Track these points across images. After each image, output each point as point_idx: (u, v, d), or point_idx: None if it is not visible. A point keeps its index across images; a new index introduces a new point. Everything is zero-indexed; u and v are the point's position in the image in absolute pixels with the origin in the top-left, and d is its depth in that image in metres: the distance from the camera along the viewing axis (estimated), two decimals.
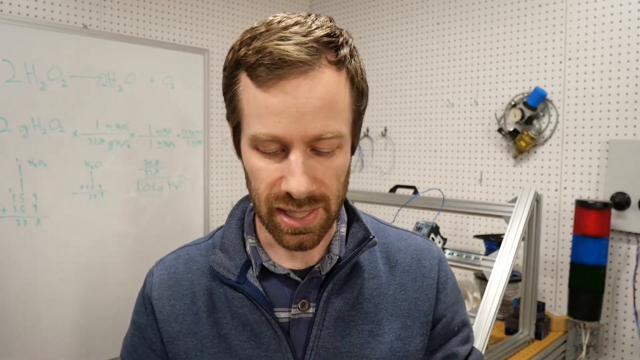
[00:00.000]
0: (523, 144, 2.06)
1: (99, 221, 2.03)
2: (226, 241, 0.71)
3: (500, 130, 2.14)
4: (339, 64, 0.59)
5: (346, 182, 0.65)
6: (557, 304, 2.03)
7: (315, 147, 0.59)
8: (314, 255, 0.70)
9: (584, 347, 1.81)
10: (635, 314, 1.83)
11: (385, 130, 2.59)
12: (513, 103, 2.09)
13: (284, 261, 0.69)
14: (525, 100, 2.05)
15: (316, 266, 0.68)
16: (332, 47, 0.58)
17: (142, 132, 2.16)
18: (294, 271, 0.69)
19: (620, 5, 1.85)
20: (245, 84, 0.59)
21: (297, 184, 0.57)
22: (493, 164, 2.22)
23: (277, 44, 0.56)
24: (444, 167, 2.38)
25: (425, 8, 2.42)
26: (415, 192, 1.98)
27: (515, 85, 2.13)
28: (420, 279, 0.74)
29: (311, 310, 0.68)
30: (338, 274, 0.68)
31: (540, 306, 1.85)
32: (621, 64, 1.86)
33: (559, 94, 2.01)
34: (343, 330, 0.68)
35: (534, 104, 2.02)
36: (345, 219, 0.73)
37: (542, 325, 1.80)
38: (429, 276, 0.75)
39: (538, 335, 1.79)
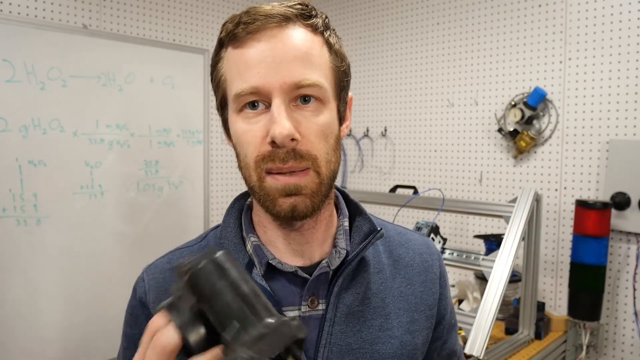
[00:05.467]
0: (523, 144, 2.06)
1: (99, 221, 2.03)
2: (225, 241, 0.69)
3: (500, 130, 2.14)
4: (313, 27, 0.63)
5: (337, 150, 0.65)
6: (557, 304, 2.03)
7: (297, 96, 0.60)
8: (315, 250, 0.69)
9: (584, 347, 1.81)
10: (635, 314, 1.83)
11: (385, 130, 2.60)
12: (513, 103, 2.09)
13: (286, 258, 0.68)
14: (525, 100, 2.05)
15: (324, 261, 0.67)
16: (305, 14, 0.63)
17: (142, 132, 2.16)
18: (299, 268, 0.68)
19: (620, 5, 1.85)
20: (227, 55, 0.63)
21: (280, 127, 0.58)
22: (493, 164, 2.22)
23: (255, 6, 0.62)
24: (444, 167, 2.38)
25: (425, 8, 2.43)
26: (415, 192, 1.98)
27: (515, 85, 2.13)
28: (424, 273, 0.75)
29: (320, 307, 0.67)
30: (347, 269, 0.67)
31: (540, 306, 1.85)
32: (621, 64, 1.86)
33: (559, 94, 2.01)
34: (354, 326, 0.67)
35: (534, 104, 2.02)
36: (347, 214, 0.73)
37: (542, 325, 1.80)
38: (431, 271, 0.76)
39: (538, 335, 1.79)
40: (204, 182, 2.40)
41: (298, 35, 0.61)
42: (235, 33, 0.61)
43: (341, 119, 0.67)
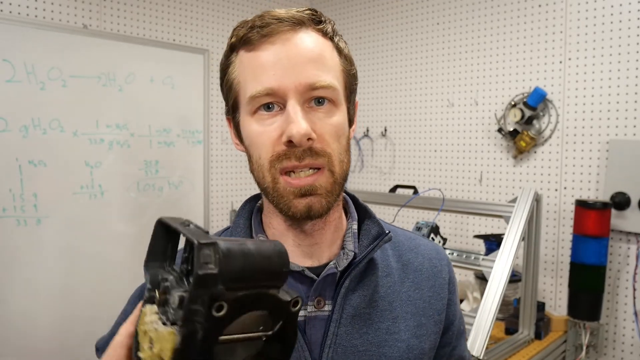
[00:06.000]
0: (523, 144, 2.06)
1: (99, 221, 2.03)
2: None
3: (500, 130, 2.14)
4: (323, 32, 0.65)
5: (348, 150, 0.67)
6: (557, 304, 2.03)
7: (311, 97, 0.62)
8: (324, 252, 0.69)
9: (584, 347, 1.81)
10: (635, 313, 1.83)
11: (385, 130, 2.60)
12: (513, 103, 2.09)
13: (295, 259, 0.68)
14: (525, 100, 2.05)
15: (332, 262, 0.68)
16: (315, 20, 0.65)
17: (142, 132, 2.16)
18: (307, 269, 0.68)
19: (620, 5, 1.85)
20: (239, 59, 0.65)
21: (298, 127, 0.59)
22: (493, 164, 2.22)
23: (268, 11, 0.64)
24: (444, 167, 2.38)
25: (425, 8, 2.43)
26: (415, 192, 1.98)
27: (515, 85, 2.13)
28: (432, 278, 0.75)
29: (327, 307, 0.67)
30: (355, 271, 0.67)
31: (540, 306, 1.85)
32: (621, 64, 1.86)
33: (559, 94, 2.01)
34: (360, 328, 0.68)
35: (534, 104, 2.02)
36: (356, 217, 0.73)
37: (542, 325, 1.80)
38: (440, 276, 0.76)
39: (538, 335, 1.79)
40: (204, 182, 2.40)
41: (311, 39, 0.63)
42: (249, 36, 0.62)
43: (350, 120, 0.69)
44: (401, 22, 2.52)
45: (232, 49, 0.66)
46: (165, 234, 0.45)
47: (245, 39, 0.63)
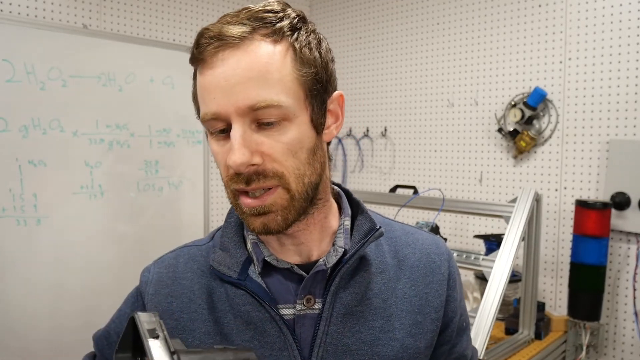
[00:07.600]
0: (523, 144, 2.06)
1: (99, 221, 2.03)
2: (226, 239, 0.70)
3: (500, 130, 2.14)
4: (274, 35, 0.60)
5: (312, 161, 0.63)
6: (557, 304, 2.03)
7: (257, 119, 0.59)
8: (312, 249, 0.68)
9: (584, 347, 1.81)
10: (635, 314, 1.83)
11: (385, 130, 2.60)
12: (513, 103, 2.09)
13: (284, 256, 0.68)
14: (525, 100, 2.05)
15: (321, 259, 0.66)
16: (268, 21, 0.60)
17: (142, 132, 2.16)
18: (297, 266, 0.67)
19: (620, 5, 1.85)
20: (197, 77, 0.63)
21: (234, 157, 0.58)
22: (493, 164, 2.22)
23: (212, 26, 0.60)
24: (444, 167, 2.38)
25: (425, 8, 2.43)
26: (415, 192, 1.98)
27: (515, 85, 2.13)
28: (430, 274, 0.73)
29: (317, 306, 0.66)
30: (345, 267, 0.66)
31: (540, 306, 1.85)
32: (621, 64, 1.86)
33: (559, 94, 2.01)
34: (352, 327, 0.66)
35: (534, 104, 2.02)
36: (349, 213, 0.72)
37: (542, 325, 1.80)
38: (438, 272, 0.73)
39: (538, 335, 1.79)
40: (204, 182, 2.40)
41: (253, 54, 0.59)
42: (194, 56, 0.61)
43: (318, 126, 0.64)
44: (401, 21, 2.52)
45: (192, 65, 0.64)
46: (136, 329, 0.45)
47: (192, 58, 0.61)
